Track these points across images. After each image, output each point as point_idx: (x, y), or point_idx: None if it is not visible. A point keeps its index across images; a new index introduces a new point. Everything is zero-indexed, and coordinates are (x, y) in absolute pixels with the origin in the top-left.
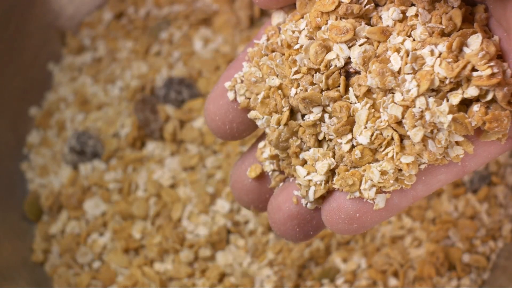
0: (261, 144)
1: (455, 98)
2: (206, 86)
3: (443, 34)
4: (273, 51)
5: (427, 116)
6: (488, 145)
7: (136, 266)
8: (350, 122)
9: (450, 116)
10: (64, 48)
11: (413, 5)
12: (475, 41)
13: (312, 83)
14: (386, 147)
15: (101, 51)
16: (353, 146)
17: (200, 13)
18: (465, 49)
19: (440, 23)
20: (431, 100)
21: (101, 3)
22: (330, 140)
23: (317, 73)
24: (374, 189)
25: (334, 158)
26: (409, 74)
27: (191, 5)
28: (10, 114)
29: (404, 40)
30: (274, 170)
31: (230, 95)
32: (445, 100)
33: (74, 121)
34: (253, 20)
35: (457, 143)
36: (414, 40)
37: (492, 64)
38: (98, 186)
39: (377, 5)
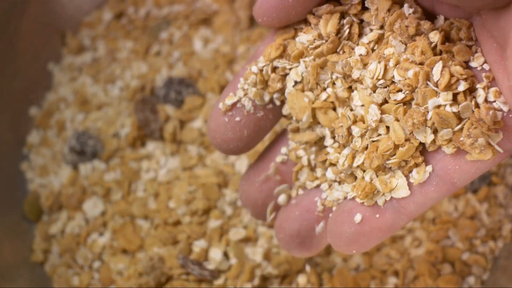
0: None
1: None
2: (206, 86)
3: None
4: (265, 84)
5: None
6: (475, 161)
7: (139, 266)
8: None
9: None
10: (64, 48)
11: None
12: (437, 69)
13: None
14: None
15: (101, 51)
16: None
17: (200, 13)
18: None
19: (413, 54)
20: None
21: (101, 3)
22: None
23: None
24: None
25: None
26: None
27: (191, 5)
28: (10, 114)
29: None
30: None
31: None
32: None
33: (74, 121)
34: (253, 20)
35: None
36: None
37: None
38: (98, 186)
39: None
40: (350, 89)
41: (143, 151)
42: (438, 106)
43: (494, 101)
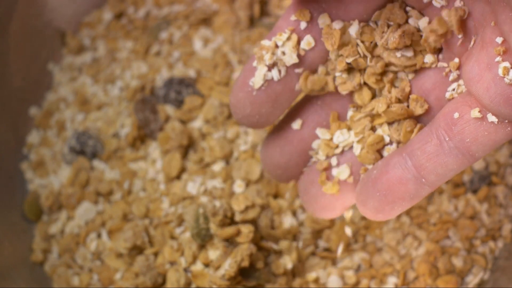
0: None
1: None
2: (206, 86)
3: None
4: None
5: None
6: (492, 133)
7: (136, 266)
8: None
9: None
10: (64, 48)
11: None
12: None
13: None
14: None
15: (101, 51)
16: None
17: (200, 13)
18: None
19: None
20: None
21: (101, 3)
22: None
23: None
24: None
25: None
26: None
27: (191, 5)
28: (10, 114)
29: None
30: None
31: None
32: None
33: (74, 121)
34: (253, 20)
35: None
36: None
37: None
38: (98, 186)
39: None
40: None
41: (143, 151)
42: None
43: (503, 77)
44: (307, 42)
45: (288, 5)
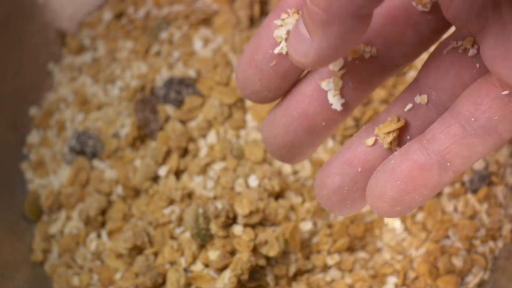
0: None
1: None
2: (206, 86)
3: None
4: None
5: None
6: None
7: (136, 266)
8: None
9: None
10: (64, 48)
11: None
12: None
13: None
14: None
15: (101, 51)
16: None
17: (200, 13)
18: None
19: None
20: None
21: (101, 3)
22: None
23: None
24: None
25: None
26: None
27: (191, 5)
28: (10, 114)
29: None
30: None
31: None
32: None
33: (74, 121)
34: (253, 20)
35: None
36: None
37: None
38: (98, 186)
39: None
40: None
41: (143, 151)
42: None
43: None
44: None
45: None
